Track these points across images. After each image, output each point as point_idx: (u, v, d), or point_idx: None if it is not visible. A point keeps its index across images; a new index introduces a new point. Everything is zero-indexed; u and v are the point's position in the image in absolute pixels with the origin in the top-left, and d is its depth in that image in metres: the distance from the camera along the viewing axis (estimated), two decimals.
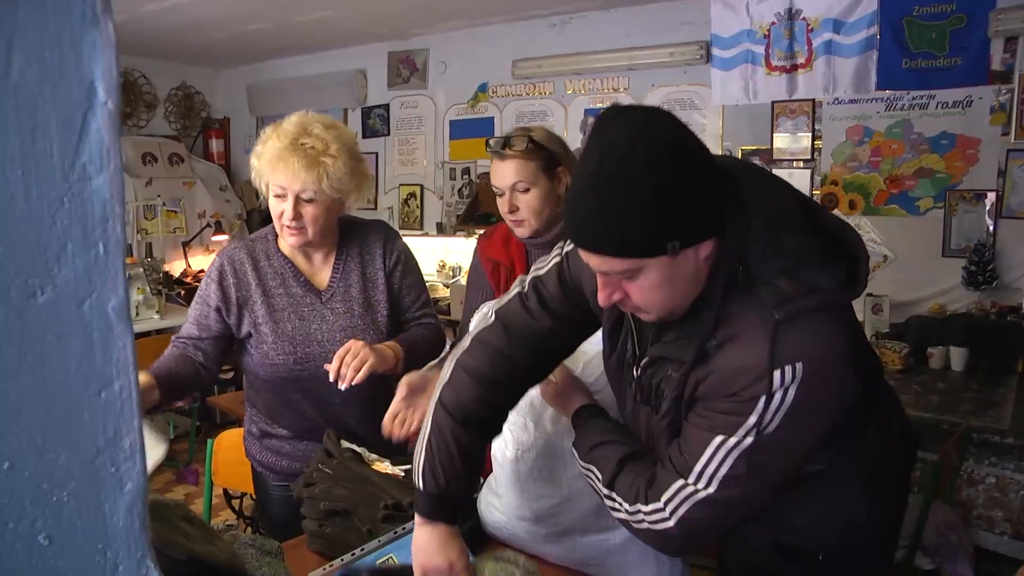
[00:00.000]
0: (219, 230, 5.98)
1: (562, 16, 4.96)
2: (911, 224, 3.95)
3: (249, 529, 3.56)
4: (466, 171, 5.56)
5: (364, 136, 6.03)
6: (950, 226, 3.85)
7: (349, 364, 1.74)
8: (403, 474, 1.76)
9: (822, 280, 1.12)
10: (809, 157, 4.20)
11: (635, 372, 1.31)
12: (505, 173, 1.93)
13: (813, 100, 4.15)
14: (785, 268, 1.12)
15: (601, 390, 1.52)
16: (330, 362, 1.76)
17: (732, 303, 1.14)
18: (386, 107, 5.92)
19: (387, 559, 1.55)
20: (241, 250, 1.95)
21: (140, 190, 5.68)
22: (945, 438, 2.68)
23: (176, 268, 5.82)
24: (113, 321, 0.42)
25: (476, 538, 1.66)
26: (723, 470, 1.15)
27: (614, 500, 1.29)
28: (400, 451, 1.93)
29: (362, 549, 1.57)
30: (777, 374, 1.10)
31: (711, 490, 1.16)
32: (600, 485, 1.32)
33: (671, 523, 1.20)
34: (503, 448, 1.62)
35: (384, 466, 1.80)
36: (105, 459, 0.42)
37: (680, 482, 1.19)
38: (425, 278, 2.19)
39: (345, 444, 1.81)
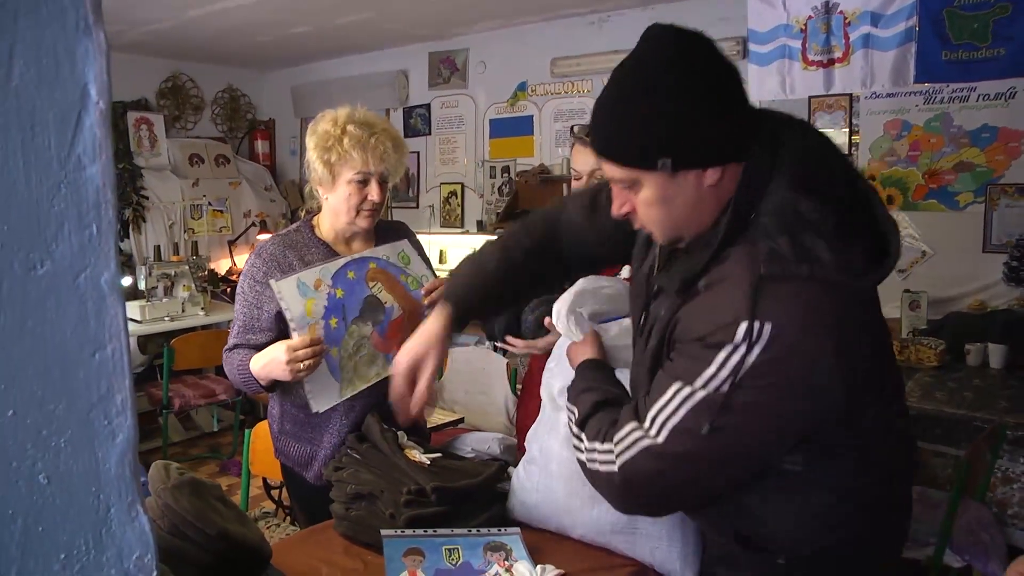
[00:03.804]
0: (264, 229, 6.13)
1: (600, 14, 4.98)
2: (950, 219, 3.90)
3: (288, 519, 3.67)
4: (506, 169, 5.61)
5: (406, 135, 6.11)
6: (991, 221, 3.79)
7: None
8: (429, 462, 1.82)
9: (824, 254, 1.08)
10: (846, 152, 4.16)
11: (648, 298, 1.33)
12: (587, 159, 2.01)
13: (850, 94, 4.12)
14: (792, 229, 1.09)
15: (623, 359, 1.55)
16: None
17: (733, 248, 1.15)
18: (427, 107, 6.00)
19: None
20: (277, 245, 2.01)
21: (187, 190, 5.86)
22: (977, 435, 2.66)
23: (222, 267, 5.98)
24: (106, 292, 0.48)
25: (499, 524, 1.71)
26: (674, 420, 1.13)
27: (580, 439, 1.29)
28: (429, 439, 2.03)
29: (400, 532, 1.63)
30: (743, 326, 1.07)
31: (659, 439, 1.14)
32: (573, 424, 1.33)
33: (615, 466, 1.18)
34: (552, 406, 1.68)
35: (414, 454, 1.85)
36: (99, 412, 0.49)
37: (634, 424, 1.18)
38: None
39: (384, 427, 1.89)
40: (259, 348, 1.96)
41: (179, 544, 1.34)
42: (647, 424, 1.16)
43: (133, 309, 4.71)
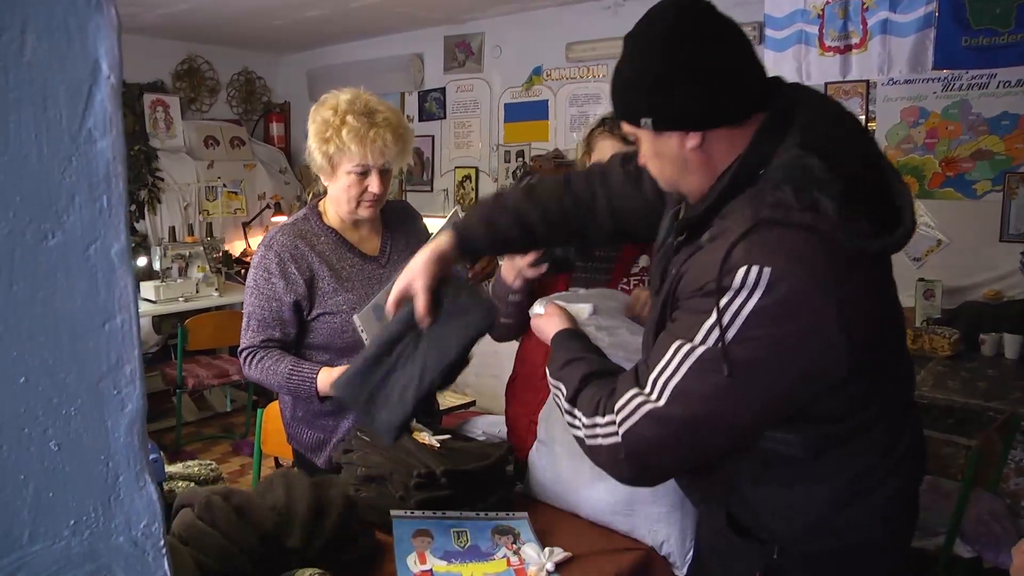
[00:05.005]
0: (279, 211, 6.15)
1: None
2: (967, 208, 3.86)
3: None
4: (520, 154, 5.60)
5: (420, 119, 6.12)
6: (1009, 210, 3.75)
7: (484, 267, 2.07)
8: (438, 445, 1.83)
9: (829, 207, 1.06)
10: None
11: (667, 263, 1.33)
12: (614, 151, 1.91)
13: (867, 81, 4.08)
14: (798, 182, 1.09)
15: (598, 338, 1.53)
16: None
17: (739, 202, 1.15)
18: (442, 91, 5.99)
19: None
20: (287, 235, 1.99)
21: (202, 172, 5.88)
22: (990, 425, 2.64)
23: (236, 248, 6.01)
24: (116, 264, 0.49)
25: (507, 507, 1.73)
26: (675, 380, 1.12)
27: (574, 416, 1.27)
28: (440, 421, 2.05)
29: (409, 512, 1.65)
30: (741, 271, 1.06)
31: (660, 403, 1.13)
32: (563, 401, 1.30)
33: (619, 436, 1.16)
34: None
35: (423, 436, 1.86)
36: (108, 382, 0.50)
37: (635, 390, 1.17)
38: None
39: None
40: (285, 345, 1.97)
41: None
42: (648, 388, 1.15)
43: (148, 289, 4.75)
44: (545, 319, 1.52)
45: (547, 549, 1.55)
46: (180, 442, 4.65)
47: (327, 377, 1.86)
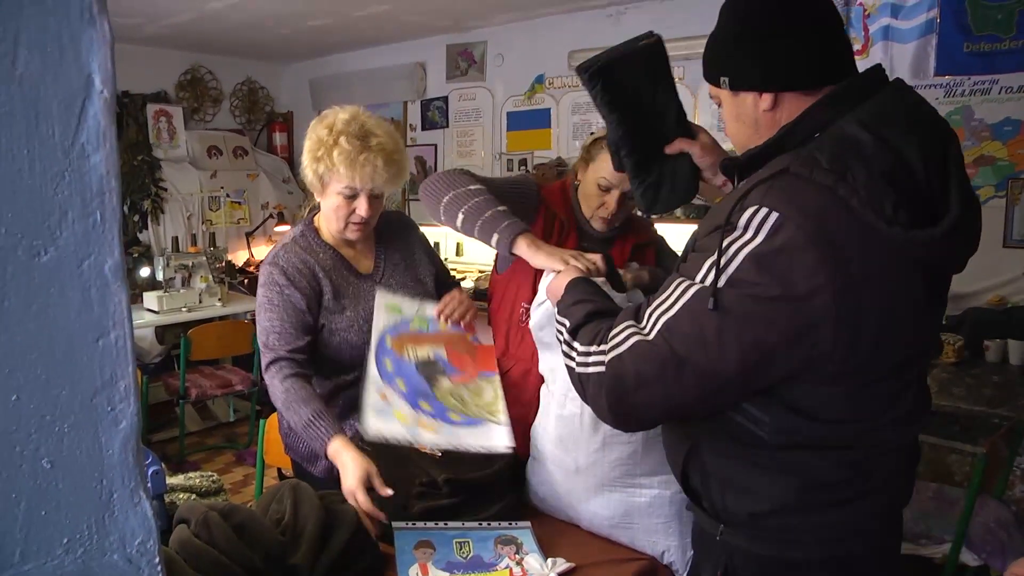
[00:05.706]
0: (282, 221, 6.16)
1: (618, 7, 4.96)
2: None
3: None
4: (523, 162, 5.61)
5: (423, 128, 6.13)
6: (1012, 216, 3.73)
7: (456, 308, 1.98)
8: (440, 454, 1.82)
9: (860, 176, 1.05)
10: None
11: None
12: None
13: None
14: (839, 150, 1.09)
15: None
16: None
17: (781, 157, 1.15)
18: (445, 99, 6.00)
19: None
20: (290, 251, 1.99)
21: (205, 182, 5.89)
22: (995, 432, 2.63)
23: (239, 258, 6.02)
24: (109, 279, 0.49)
25: (510, 516, 1.72)
26: (667, 315, 1.13)
27: (571, 347, 1.27)
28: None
29: (411, 524, 1.64)
30: (750, 211, 1.07)
31: (649, 336, 1.14)
32: (565, 333, 1.31)
33: (604, 366, 1.17)
34: (560, 405, 1.68)
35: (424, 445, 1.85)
36: (102, 399, 0.49)
37: (630, 322, 1.19)
38: (481, 269, 2.24)
39: None
40: (300, 359, 1.89)
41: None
42: (643, 321, 1.18)
43: (151, 299, 4.76)
44: (561, 275, 1.52)
45: (550, 560, 1.55)
46: (183, 453, 4.64)
47: (339, 443, 1.74)
